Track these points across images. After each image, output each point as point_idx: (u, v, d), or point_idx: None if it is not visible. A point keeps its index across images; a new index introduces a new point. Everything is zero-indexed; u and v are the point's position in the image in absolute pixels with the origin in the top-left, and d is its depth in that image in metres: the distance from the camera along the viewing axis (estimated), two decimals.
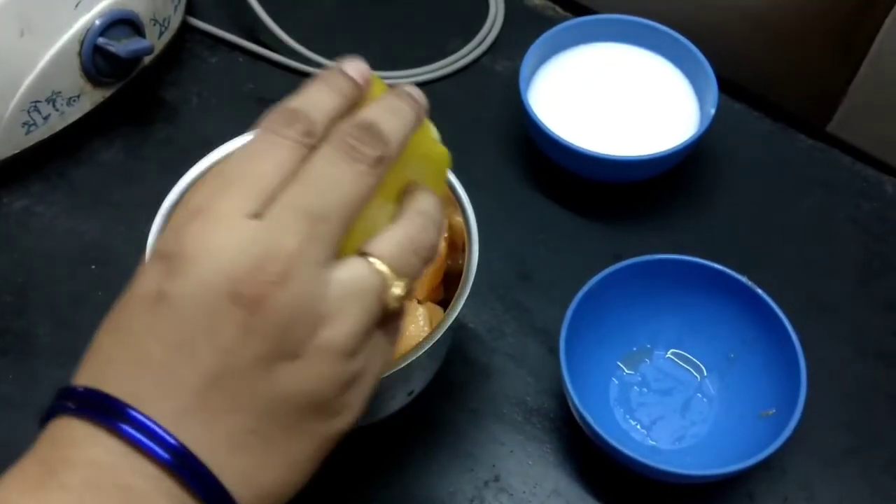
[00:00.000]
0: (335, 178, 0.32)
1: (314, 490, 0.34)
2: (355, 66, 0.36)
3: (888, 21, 0.58)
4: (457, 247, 0.51)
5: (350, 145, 0.33)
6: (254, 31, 0.72)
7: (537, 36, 0.63)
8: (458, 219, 0.50)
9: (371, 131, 0.33)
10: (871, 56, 0.60)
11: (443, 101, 0.69)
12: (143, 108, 0.68)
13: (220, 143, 0.54)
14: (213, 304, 0.30)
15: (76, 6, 0.60)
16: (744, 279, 0.52)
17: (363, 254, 0.33)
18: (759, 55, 0.66)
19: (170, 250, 0.31)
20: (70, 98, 0.63)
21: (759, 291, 0.52)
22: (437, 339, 0.45)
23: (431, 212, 0.36)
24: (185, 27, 0.72)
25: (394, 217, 0.35)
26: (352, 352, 0.32)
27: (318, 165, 0.33)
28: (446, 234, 0.51)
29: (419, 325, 0.48)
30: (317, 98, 0.34)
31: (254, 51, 0.71)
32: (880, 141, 0.64)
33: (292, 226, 0.31)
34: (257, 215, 0.31)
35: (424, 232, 0.35)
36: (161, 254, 0.32)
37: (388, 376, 0.43)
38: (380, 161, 0.33)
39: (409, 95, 0.36)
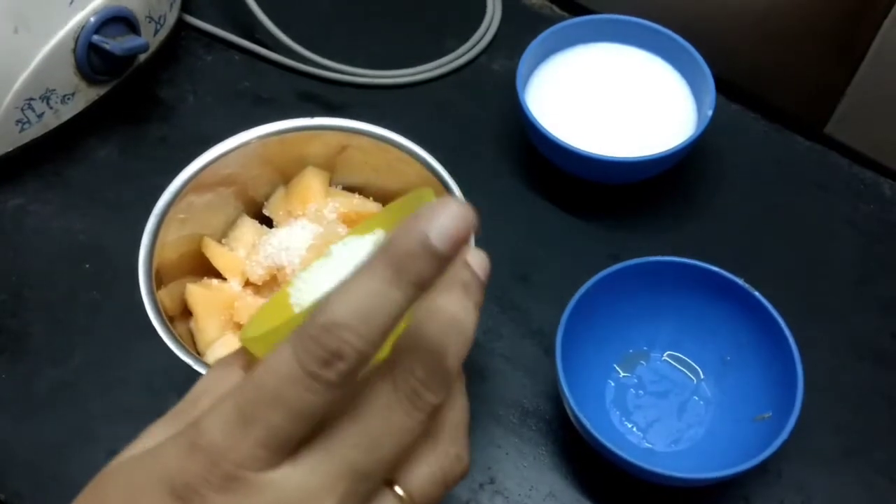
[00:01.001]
0: (390, 427, 0.28)
1: None
2: (447, 226, 0.26)
3: (886, 23, 0.57)
4: None
5: (414, 391, 0.28)
6: (250, 29, 0.72)
7: (535, 36, 0.63)
8: None
9: (439, 375, 0.28)
10: (868, 58, 0.60)
11: (440, 101, 0.69)
12: (138, 107, 0.68)
13: (216, 142, 0.53)
14: None
15: (71, 3, 0.60)
16: (740, 281, 0.52)
17: (391, 483, 0.30)
18: (757, 56, 0.66)
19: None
20: (64, 96, 0.62)
21: (756, 294, 0.52)
22: None
23: (464, 426, 0.32)
24: (180, 25, 0.71)
25: None
26: None
27: (374, 410, 0.28)
28: None
29: None
30: (375, 300, 0.26)
31: (250, 49, 0.71)
32: (878, 143, 0.64)
33: (332, 485, 0.28)
34: (291, 457, 0.28)
35: (458, 462, 0.31)
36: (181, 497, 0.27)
37: None
38: (438, 405, 0.29)
39: (479, 284, 0.30)
